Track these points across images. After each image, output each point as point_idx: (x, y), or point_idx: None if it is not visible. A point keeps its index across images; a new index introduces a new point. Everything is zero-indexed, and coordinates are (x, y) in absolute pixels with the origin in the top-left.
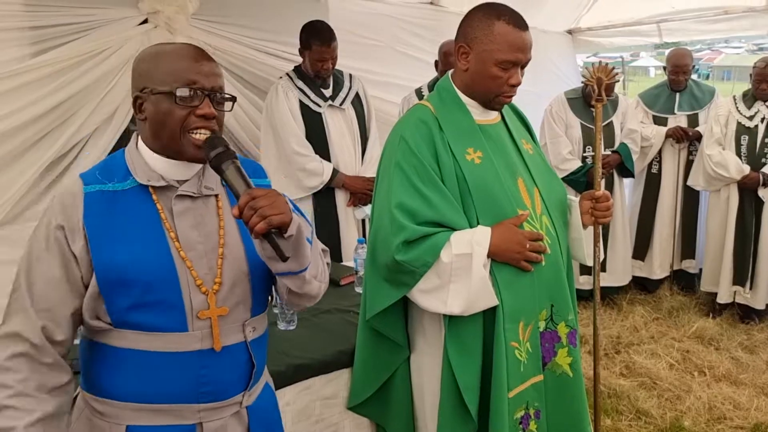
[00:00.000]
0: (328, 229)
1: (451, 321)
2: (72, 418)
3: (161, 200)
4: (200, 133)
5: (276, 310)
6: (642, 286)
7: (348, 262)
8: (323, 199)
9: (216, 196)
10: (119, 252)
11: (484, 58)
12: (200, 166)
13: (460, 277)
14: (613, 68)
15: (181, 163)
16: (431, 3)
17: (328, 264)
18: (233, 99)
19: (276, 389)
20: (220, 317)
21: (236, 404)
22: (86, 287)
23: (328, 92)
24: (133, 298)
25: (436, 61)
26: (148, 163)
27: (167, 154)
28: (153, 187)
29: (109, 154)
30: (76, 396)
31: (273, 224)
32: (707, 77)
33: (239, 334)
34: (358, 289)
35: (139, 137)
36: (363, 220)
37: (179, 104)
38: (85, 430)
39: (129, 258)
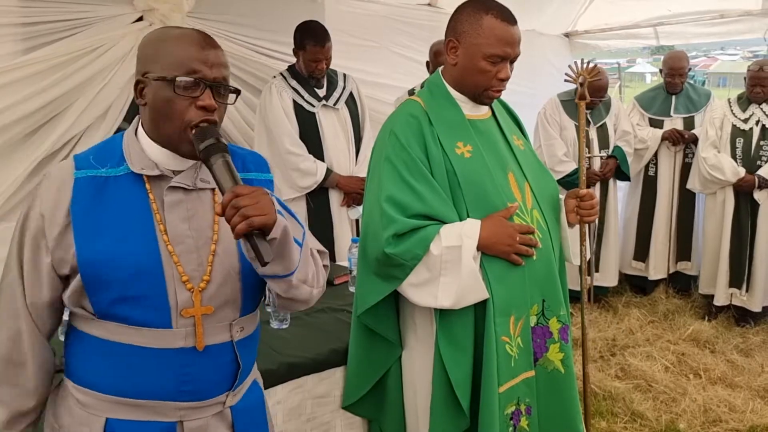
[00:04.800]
0: (321, 229)
1: (442, 316)
2: (57, 404)
3: (154, 190)
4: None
5: (269, 309)
6: (638, 288)
7: (342, 261)
8: (317, 199)
9: (212, 190)
10: (105, 242)
11: (472, 52)
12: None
13: (449, 269)
14: (596, 65)
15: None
16: (428, 4)
17: (326, 266)
18: (237, 92)
19: (268, 387)
20: (205, 316)
21: (219, 404)
22: (60, 276)
23: (321, 92)
24: (117, 291)
25: (427, 62)
26: (145, 150)
27: (163, 144)
28: (147, 176)
29: None
30: (60, 381)
31: (254, 225)
32: (703, 84)
33: (225, 334)
34: (352, 289)
35: (140, 123)
36: (357, 220)
37: (179, 93)
38: (68, 418)
39: (114, 249)
